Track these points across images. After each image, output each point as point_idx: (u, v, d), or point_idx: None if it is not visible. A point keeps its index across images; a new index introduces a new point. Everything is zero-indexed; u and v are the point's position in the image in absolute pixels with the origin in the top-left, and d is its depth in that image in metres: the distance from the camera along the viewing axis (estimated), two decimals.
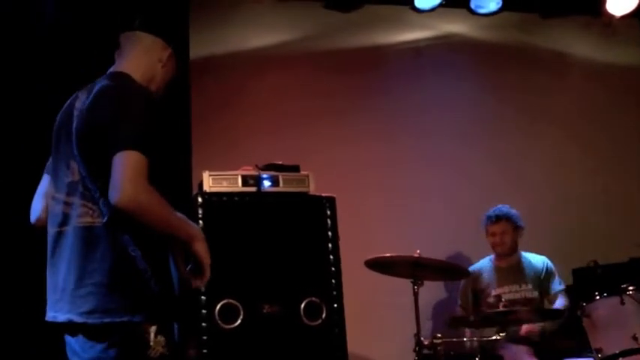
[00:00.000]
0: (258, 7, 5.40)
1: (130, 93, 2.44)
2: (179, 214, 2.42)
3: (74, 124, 2.44)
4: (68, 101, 2.58)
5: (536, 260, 5.06)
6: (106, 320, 2.26)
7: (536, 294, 4.93)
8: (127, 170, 2.23)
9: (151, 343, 2.26)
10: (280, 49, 5.55)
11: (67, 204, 2.43)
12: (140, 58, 2.65)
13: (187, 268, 2.43)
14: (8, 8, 4.38)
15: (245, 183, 3.67)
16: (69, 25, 4.31)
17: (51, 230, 2.48)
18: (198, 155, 4.94)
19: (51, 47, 4.27)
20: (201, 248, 2.42)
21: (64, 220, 2.42)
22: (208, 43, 5.38)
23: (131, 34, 2.69)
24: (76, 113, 2.47)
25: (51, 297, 2.43)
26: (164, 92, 2.75)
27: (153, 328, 2.27)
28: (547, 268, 5.02)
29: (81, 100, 2.49)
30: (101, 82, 2.51)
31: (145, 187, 2.25)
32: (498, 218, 4.99)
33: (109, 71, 2.62)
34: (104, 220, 2.31)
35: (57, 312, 2.37)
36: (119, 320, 2.25)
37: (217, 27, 5.44)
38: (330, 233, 3.70)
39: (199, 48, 5.26)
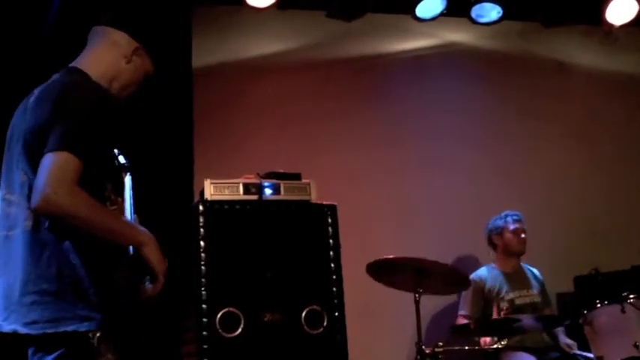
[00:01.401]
0: (261, 16, 5.41)
1: (73, 91, 2.30)
2: (125, 220, 2.33)
3: (23, 123, 2.35)
4: (25, 98, 2.46)
5: (533, 269, 5.12)
6: (49, 331, 2.15)
7: (540, 299, 4.95)
8: (50, 172, 2.12)
9: (99, 349, 2.16)
10: (282, 57, 5.57)
11: (17, 206, 2.32)
12: (102, 54, 2.51)
13: (144, 281, 2.33)
14: (10, 9, 4.39)
15: (246, 191, 3.67)
16: (70, 26, 4.31)
17: (0, 234, 2.37)
18: (200, 163, 4.95)
19: (52, 49, 4.26)
20: (151, 254, 2.29)
21: (14, 223, 2.31)
22: (211, 51, 5.39)
23: (99, 29, 2.56)
24: (27, 111, 2.37)
25: (0, 305, 2.30)
26: (135, 91, 2.60)
27: (98, 335, 2.16)
28: (542, 280, 5.07)
29: (34, 97, 2.39)
30: (52, 79, 2.41)
31: (69, 189, 2.12)
32: (520, 217, 5.05)
33: (68, 66, 2.50)
34: (45, 226, 2.21)
35: (3, 321, 2.25)
36: (63, 330, 2.15)
37: (220, 35, 5.46)
38: (331, 241, 3.69)
39: (202, 56, 5.28)
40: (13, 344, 2.28)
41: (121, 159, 2.46)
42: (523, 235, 5.03)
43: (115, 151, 2.42)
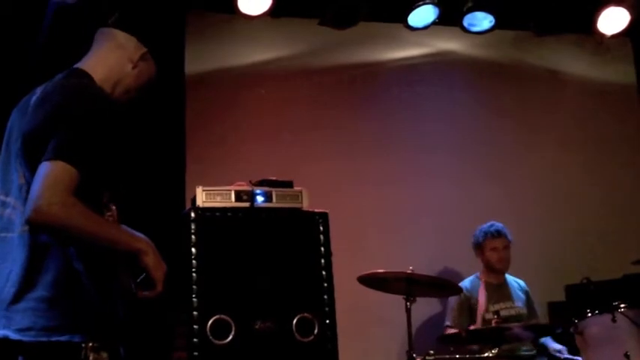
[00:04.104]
0: (254, 23, 5.42)
1: (74, 96, 2.25)
2: (122, 227, 2.29)
3: (24, 123, 2.29)
4: (25, 97, 2.40)
5: (519, 281, 5.11)
6: (42, 339, 2.10)
7: (526, 310, 4.95)
8: (44, 182, 2.07)
9: (90, 359, 2.11)
10: (275, 64, 5.58)
11: (14, 208, 2.26)
12: (107, 56, 2.47)
13: (139, 280, 2.29)
14: (8, 14, 4.39)
15: (238, 198, 3.66)
16: (67, 34, 4.31)
17: None
18: (192, 170, 4.95)
19: (50, 55, 4.26)
20: (149, 261, 2.24)
21: (9, 225, 2.26)
22: (203, 58, 5.40)
23: (106, 31, 2.52)
24: (28, 111, 2.31)
25: None
26: (136, 96, 2.56)
27: (90, 345, 2.12)
28: (528, 292, 5.07)
29: (35, 96, 2.34)
30: (55, 79, 2.36)
31: (62, 199, 2.07)
32: (500, 233, 4.98)
33: (72, 67, 2.45)
34: None
35: None
36: (55, 340, 2.10)
37: (213, 42, 5.47)
38: (322, 249, 3.69)
39: (194, 63, 5.29)
40: (2, 351, 2.24)
41: None
42: (503, 253, 4.98)
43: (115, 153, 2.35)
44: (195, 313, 3.39)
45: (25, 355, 2.19)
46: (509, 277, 5.10)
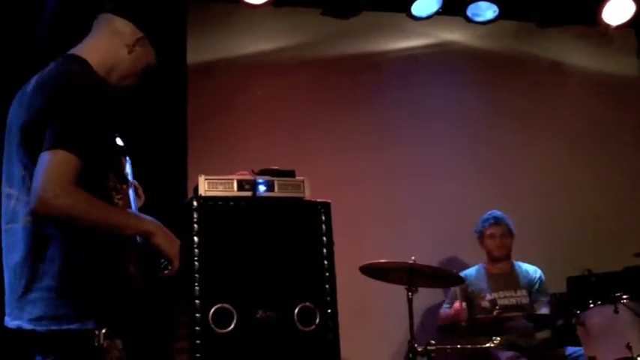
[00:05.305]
0: (256, 13, 5.41)
1: (69, 83, 2.22)
2: (128, 211, 2.28)
3: (21, 113, 2.28)
4: (23, 86, 2.38)
5: (530, 269, 5.09)
6: (54, 328, 2.11)
7: (528, 300, 4.96)
8: (46, 173, 2.06)
9: (105, 346, 2.12)
10: (277, 55, 5.57)
11: (18, 199, 2.25)
12: (102, 41, 2.43)
13: (162, 263, 2.29)
14: (8, 11, 4.39)
15: (240, 187, 3.64)
16: (67, 28, 4.30)
17: (1, 227, 2.32)
18: (194, 160, 4.94)
19: (50, 50, 4.25)
20: (161, 241, 2.27)
21: (13, 216, 2.26)
22: (205, 48, 5.39)
23: (103, 17, 2.49)
24: (25, 101, 2.29)
25: (6, 300, 2.26)
26: (135, 83, 2.52)
27: (104, 332, 2.13)
28: (540, 278, 5.06)
29: (31, 85, 2.32)
30: (49, 67, 2.33)
31: (65, 190, 2.06)
32: (498, 220, 5.02)
33: (66, 53, 2.42)
34: None
35: (8, 316, 2.22)
36: (67, 328, 2.11)
37: (215, 32, 5.46)
38: (324, 239, 3.67)
39: (196, 53, 5.28)
40: (17, 341, 2.24)
41: (119, 142, 2.41)
42: (500, 240, 5.02)
43: (114, 136, 2.35)
44: (197, 301, 3.39)
45: (38, 344, 2.19)
46: (519, 266, 5.09)
